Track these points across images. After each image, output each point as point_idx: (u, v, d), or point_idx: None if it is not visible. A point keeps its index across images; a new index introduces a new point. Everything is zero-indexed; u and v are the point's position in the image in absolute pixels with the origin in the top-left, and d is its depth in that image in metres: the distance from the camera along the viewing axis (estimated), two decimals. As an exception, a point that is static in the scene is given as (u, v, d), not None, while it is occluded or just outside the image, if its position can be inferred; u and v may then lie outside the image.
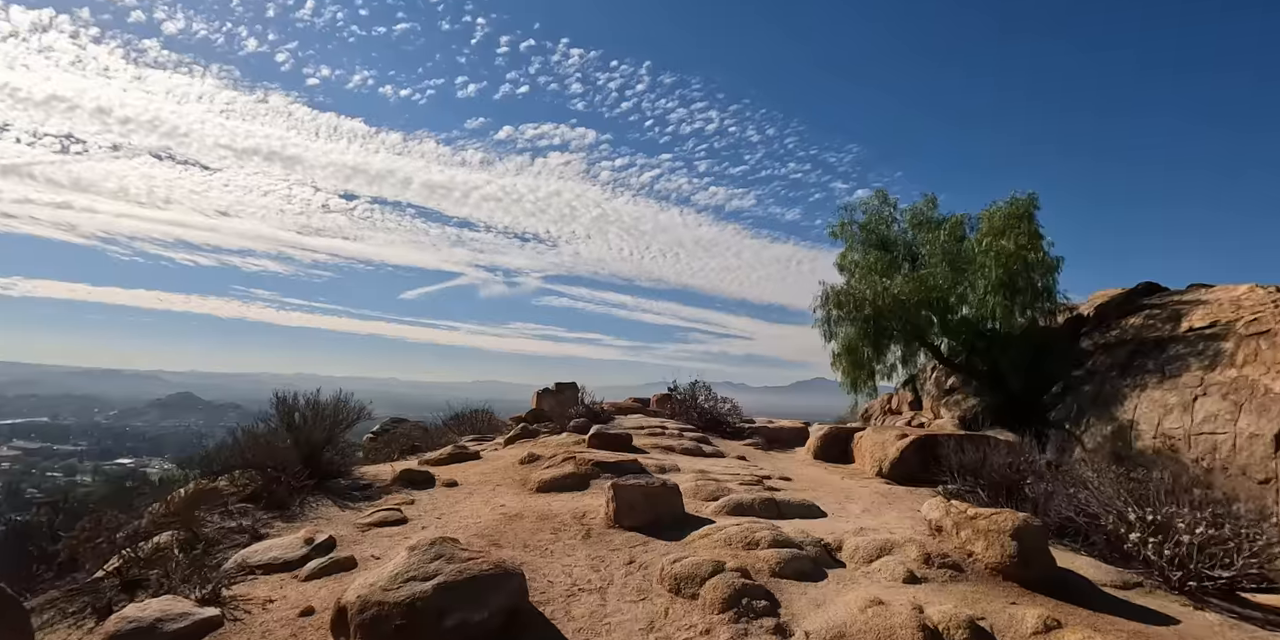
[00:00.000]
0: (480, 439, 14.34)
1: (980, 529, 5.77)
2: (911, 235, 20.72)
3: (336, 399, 9.20)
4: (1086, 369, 17.02)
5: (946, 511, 6.17)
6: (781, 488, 8.34)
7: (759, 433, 12.86)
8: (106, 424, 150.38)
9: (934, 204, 20.53)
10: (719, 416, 12.94)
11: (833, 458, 11.30)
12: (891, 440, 10.23)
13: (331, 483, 8.02)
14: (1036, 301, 17.25)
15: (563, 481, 7.96)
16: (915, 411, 21.64)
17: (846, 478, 9.65)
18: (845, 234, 21.93)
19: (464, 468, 9.33)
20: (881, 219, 21.40)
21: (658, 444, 10.54)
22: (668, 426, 11.87)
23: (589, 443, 10.17)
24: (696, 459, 9.95)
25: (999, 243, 17.03)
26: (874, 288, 17.50)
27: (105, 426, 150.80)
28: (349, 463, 9.15)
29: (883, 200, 21.53)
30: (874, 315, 17.50)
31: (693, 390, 13.64)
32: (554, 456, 9.23)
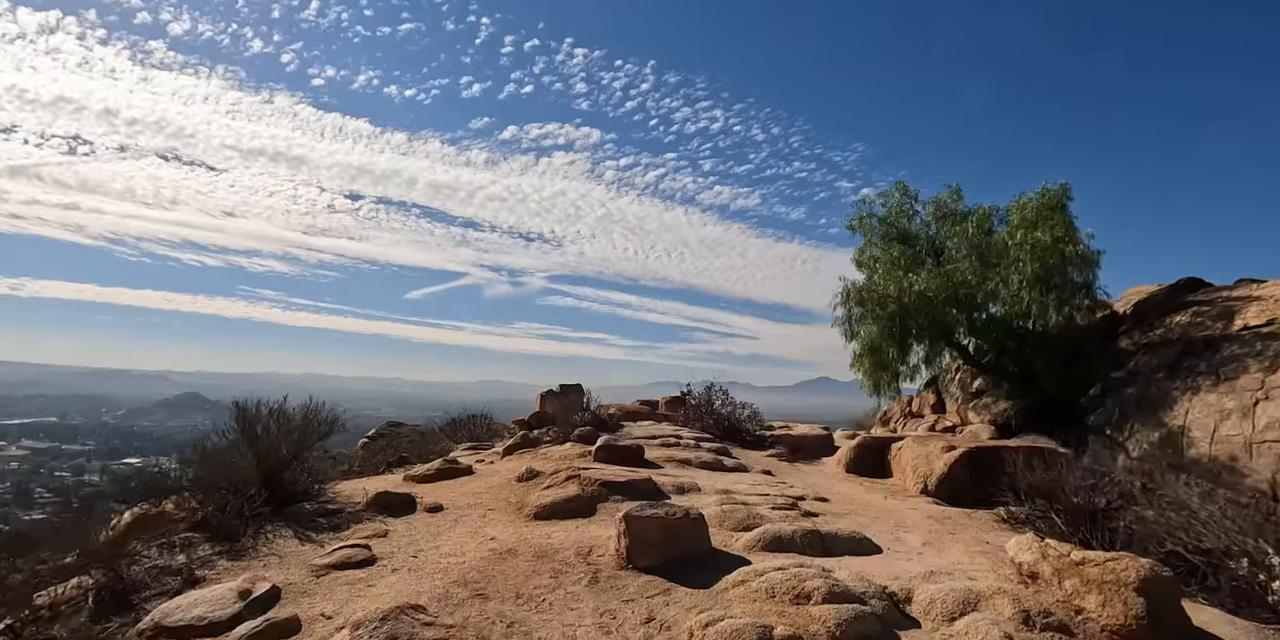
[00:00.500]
0: (477, 448, 13.12)
1: (1092, 579, 4.51)
2: (935, 228, 19.45)
3: (306, 408, 7.97)
4: (1128, 370, 15.73)
5: (1043, 554, 4.91)
6: (820, 511, 7.09)
7: (781, 442, 11.61)
8: (114, 424, 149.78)
9: (959, 195, 19.26)
10: (737, 424, 11.70)
11: (867, 471, 10.05)
12: (937, 453, 8.97)
13: (295, 508, 6.80)
14: (1074, 298, 15.97)
15: (565, 506, 6.72)
16: (938, 414, 20.36)
17: (889, 497, 8.39)
18: (863, 228, 20.67)
19: (453, 486, 8.10)
20: (902, 212, 20.14)
21: (672, 457, 9.29)
22: (682, 436, 10.63)
23: (595, 456, 8.93)
24: (718, 475, 8.70)
25: (1033, 235, 15.76)
26: (898, 284, 16.23)
27: (113, 426, 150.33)
28: (321, 481, 7.93)
29: (903, 192, 20.24)
30: (899, 313, 16.23)
31: (708, 394, 12.40)
32: (556, 473, 7.99)
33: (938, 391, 21.14)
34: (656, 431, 10.91)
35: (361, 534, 6.05)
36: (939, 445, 9.12)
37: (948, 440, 9.58)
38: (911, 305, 16.05)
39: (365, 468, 11.09)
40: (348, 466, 10.65)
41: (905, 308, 16.08)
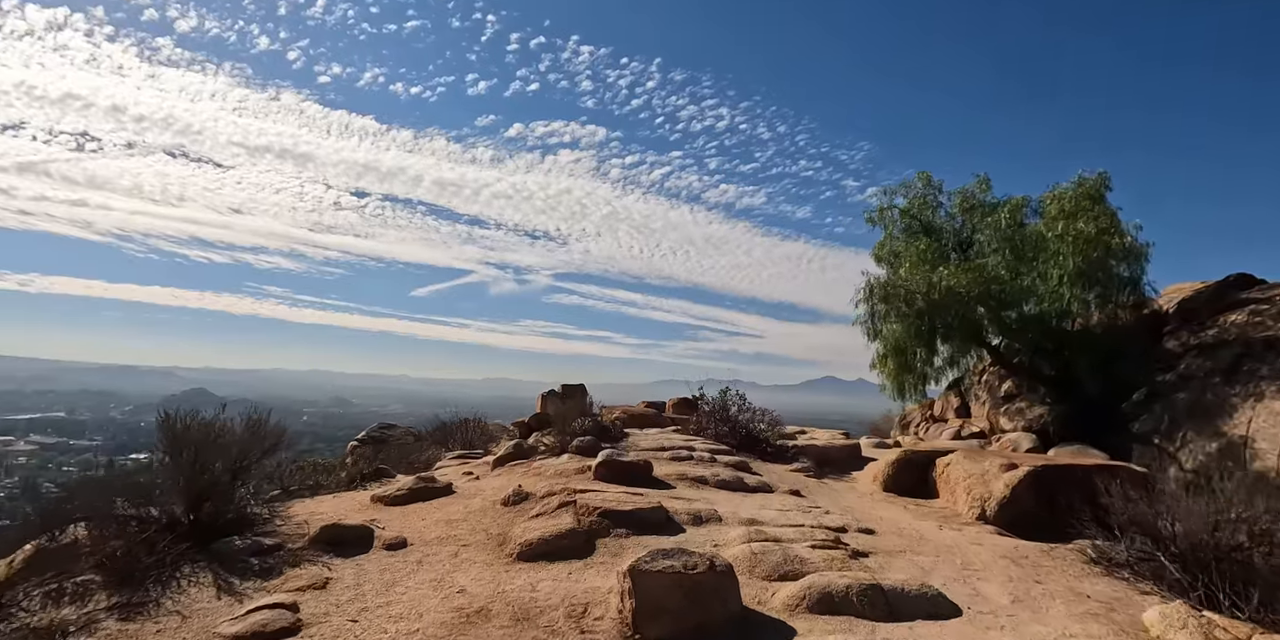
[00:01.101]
0: (466, 457, 11.78)
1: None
2: (961, 221, 18.03)
3: (251, 418, 6.64)
4: (1178, 374, 14.30)
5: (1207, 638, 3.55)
6: (869, 549, 5.72)
7: (805, 454, 10.23)
8: (122, 419, 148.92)
9: (987, 185, 17.83)
10: (757, 433, 10.33)
11: (908, 489, 8.67)
12: (995, 471, 7.59)
13: (225, 543, 5.45)
14: (1119, 294, 14.55)
15: (557, 543, 5.36)
16: (964, 419, 18.94)
17: (943, 525, 7.01)
18: (884, 220, 19.25)
19: (426, 511, 6.74)
20: (925, 204, 18.71)
21: (685, 475, 7.92)
22: (695, 448, 9.26)
23: (595, 473, 7.57)
24: (739, 497, 7.32)
25: (1075, 226, 14.34)
26: (926, 279, 14.81)
27: (120, 422, 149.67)
28: (270, 503, 6.60)
29: (926, 183, 18.81)
30: (926, 311, 14.82)
31: (724, 400, 11.02)
32: (548, 496, 6.64)
33: (961, 394, 19.72)
34: (666, 442, 9.55)
35: (294, 584, 4.69)
36: (996, 462, 7.73)
37: (1005, 456, 8.18)
38: (940, 302, 14.65)
39: (336, 480, 9.76)
40: (314, 481, 9.31)
41: (934, 305, 14.68)
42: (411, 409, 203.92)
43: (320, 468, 10.58)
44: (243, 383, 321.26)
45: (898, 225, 18.97)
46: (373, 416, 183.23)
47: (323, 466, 10.75)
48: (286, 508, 6.89)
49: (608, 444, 9.44)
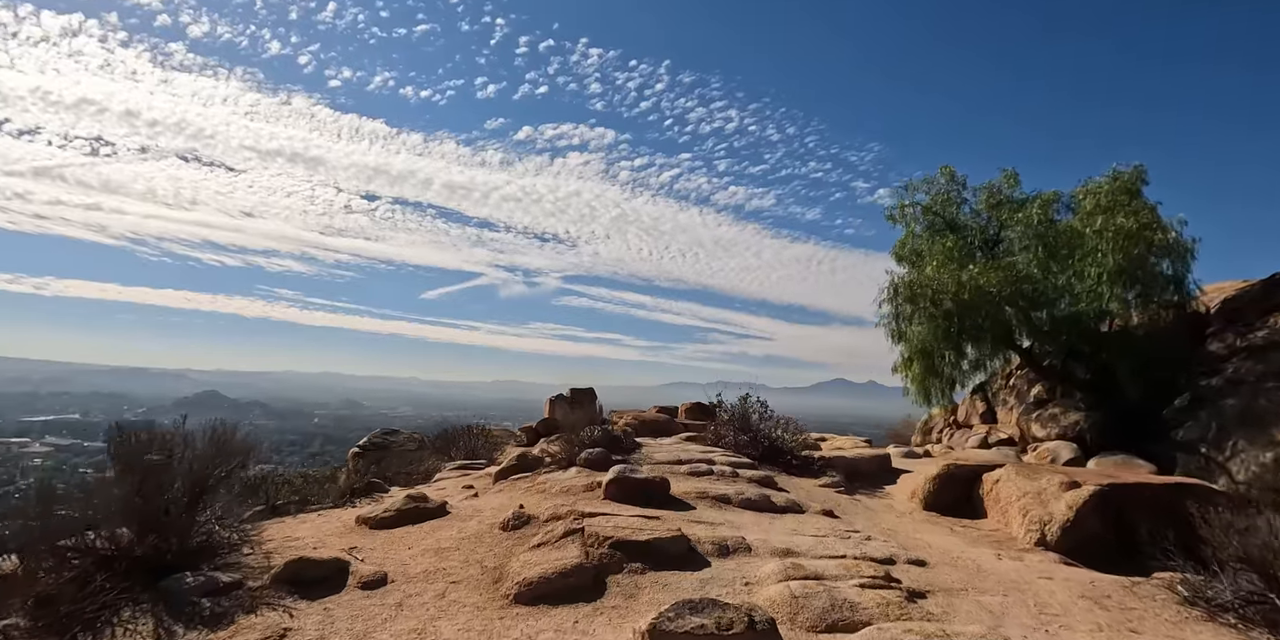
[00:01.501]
0: (467, 468, 10.98)
1: None
2: (986, 217, 17.13)
3: (215, 432, 5.85)
4: (1226, 378, 13.35)
5: None
6: (926, 586, 4.87)
7: (833, 466, 9.36)
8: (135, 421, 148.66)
9: (1015, 180, 16.92)
10: (780, 444, 9.46)
11: (951, 508, 7.80)
12: (1054, 490, 6.71)
13: (176, 580, 4.65)
14: (1162, 293, 13.62)
15: (561, 582, 4.53)
16: (989, 425, 18.01)
17: (1001, 553, 6.13)
18: (905, 217, 18.37)
19: (414, 537, 5.93)
20: (949, 200, 17.82)
21: (706, 492, 7.08)
22: (715, 460, 8.42)
23: (606, 491, 6.74)
24: (769, 520, 6.47)
25: (1115, 221, 13.42)
26: (954, 278, 13.93)
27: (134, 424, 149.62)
28: (237, 525, 5.80)
29: (950, 178, 17.92)
30: (955, 311, 13.93)
31: (744, 407, 10.15)
32: (553, 520, 5.82)
33: (987, 399, 18.78)
34: (682, 454, 8.70)
35: (245, 638, 3.89)
36: (1055, 480, 6.85)
37: (1063, 472, 7.29)
38: (970, 302, 13.76)
39: (326, 494, 8.98)
40: (301, 496, 8.53)
41: (963, 305, 13.79)
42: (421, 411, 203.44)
43: (313, 481, 9.81)
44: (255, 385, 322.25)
45: (920, 222, 18.09)
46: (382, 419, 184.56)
47: (315, 479, 9.98)
48: (260, 531, 6.10)
49: (619, 456, 8.62)
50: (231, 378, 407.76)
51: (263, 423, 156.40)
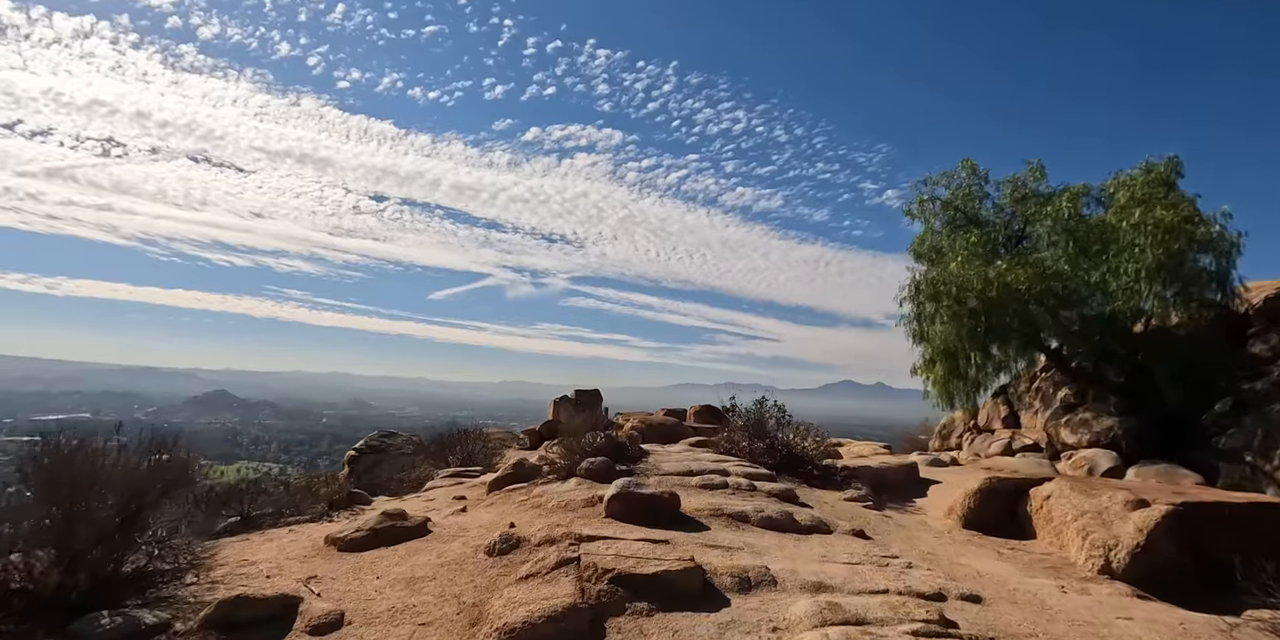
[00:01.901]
0: (462, 475, 10.19)
1: None
2: (1010, 212, 16.25)
3: (150, 447, 5.05)
4: (1271, 382, 12.44)
5: None
6: (988, 633, 4.02)
7: (857, 476, 8.50)
8: (145, 420, 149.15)
9: (1041, 173, 16.03)
10: (800, 452, 8.60)
11: (994, 527, 6.95)
12: (1117, 510, 5.86)
13: (87, 622, 3.86)
14: (1204, 291, 12.73)
15: (550, 629, 3.70)
16: (1013, 430, 17.11)
17: (1065, 585, 5.27)
18: (924, 213, 17.51)
19: (386, 562, 5.13)
20: (970, 194, 16.95)
21: (721, 509, 6.24)
22: (729, 470, 7.58)
23: (608, 508, 5.92)
24: (794, 543, 5.63)
25: (1153, 214, 12.53)
26: (981, 275, 13.06)
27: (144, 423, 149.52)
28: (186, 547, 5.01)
29: (971, 172, 17.05)
30: (982, 310, 13.06)
31: (760, 412, 9.30)
32: (546, 545, 5.01)
33: (1009, 402, 17.89)
34: (693, 464, 7.86)
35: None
36: (1118, 498, 5.99)
37: (1126, 487, 6.42)
38: (997, 301, 12.89)
39: (306, 503, 8.19)
40: (275, 508, 7.74)
41: (990, 303, 12.92)
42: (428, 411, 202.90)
43: (294, 490, 9.02)
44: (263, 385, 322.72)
45: (940, 218, 17.23)
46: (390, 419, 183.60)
47: (297, 488, 9.18)
48: (214, 553, 5.30)
49: (624, 466, 7.79)
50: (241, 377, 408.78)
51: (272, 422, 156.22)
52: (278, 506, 7.86)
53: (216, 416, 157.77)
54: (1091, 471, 11.58)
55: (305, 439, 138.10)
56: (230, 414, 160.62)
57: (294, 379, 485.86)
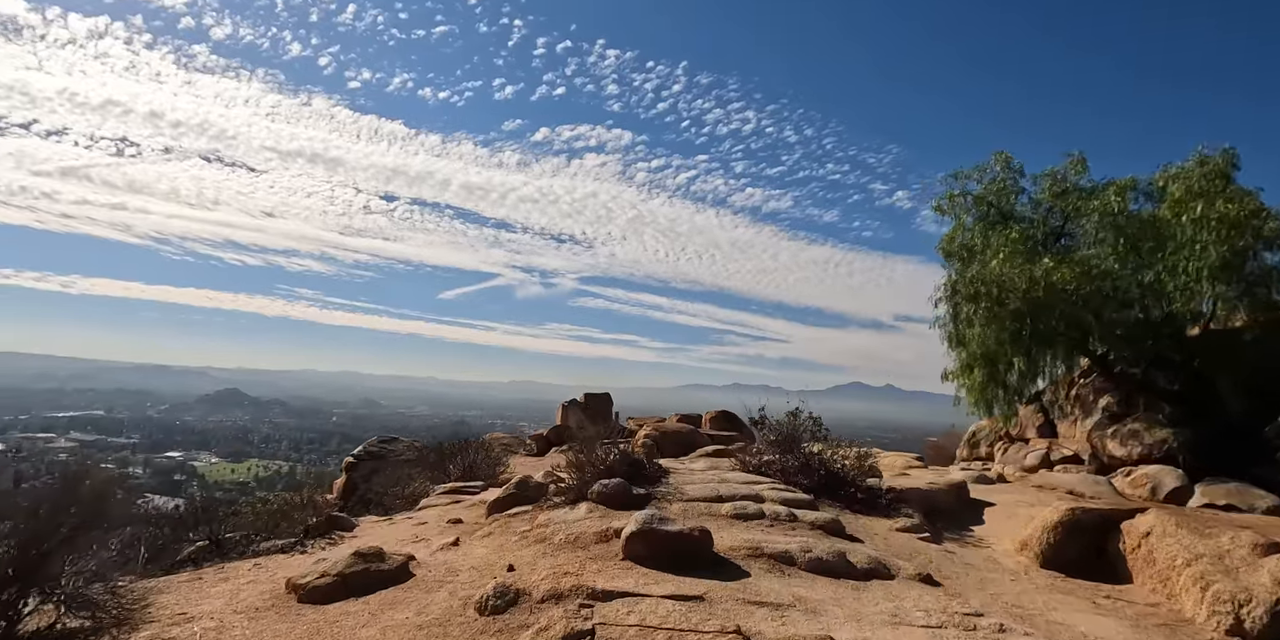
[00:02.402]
0: (460, 492, 9.16)
1: None
2: (1048, 207, 15.11)
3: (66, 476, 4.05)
4: (1347, 391, 11.31)
5: None
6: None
7: (906, 500, 7.40)
8: (158, 418, 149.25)
9: (1083, 166, 14.83)
10: (840, 472, 7.49)
11: (1077, 565, 5.87)
12: (1243, 554, 4.76)
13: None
14: (1273, 292, 11.60)
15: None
16: (1049, 439, 15.93)
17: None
18: (955, 209, 16.35)
19: (351, 621, 4.09)
20: (1004, 188, 15.78)
21: (759, 548, 5.18)
22: (763, 495, 6.48)
23: (626, 547, 4.87)
24: (853, 594, 4.56)
25: (1215, 209, 11.38)
26: (1026, 274, 11.93)
27: (157, 420, 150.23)
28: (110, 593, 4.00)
29: (1005, 165, 15.88)
30: (1026, 312, 11.95)
31: (793, 425, 8.19)
32: (550, 603, 3.97)
33: (1044, 410, 16.73)
34: (722, 487, 6.78)
35: None
36: (1243, 540, 4.90)
37: (1248, 526, 5.33)
38: (1044, 302, 11.77)
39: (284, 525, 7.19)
40: (246, 534, 6.74)
41: (1035, 305, 11.78)
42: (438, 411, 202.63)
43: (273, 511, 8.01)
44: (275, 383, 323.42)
45: (971, 214, 16.09)
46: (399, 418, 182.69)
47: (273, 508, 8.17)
48: (146, 604, 4.29)
49: (642, 488, 6.74)
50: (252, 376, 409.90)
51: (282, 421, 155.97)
52: (252, 530, 6.87)
53: (228, 414, 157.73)
54: (1155, 491, 10.44)
55: (315, 437, 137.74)
56: (241, 412, 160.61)
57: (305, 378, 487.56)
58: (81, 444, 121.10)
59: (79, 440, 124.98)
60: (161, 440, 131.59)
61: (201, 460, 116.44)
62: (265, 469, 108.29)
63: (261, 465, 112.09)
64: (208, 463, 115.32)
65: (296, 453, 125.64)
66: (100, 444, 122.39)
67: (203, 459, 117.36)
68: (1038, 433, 16.66)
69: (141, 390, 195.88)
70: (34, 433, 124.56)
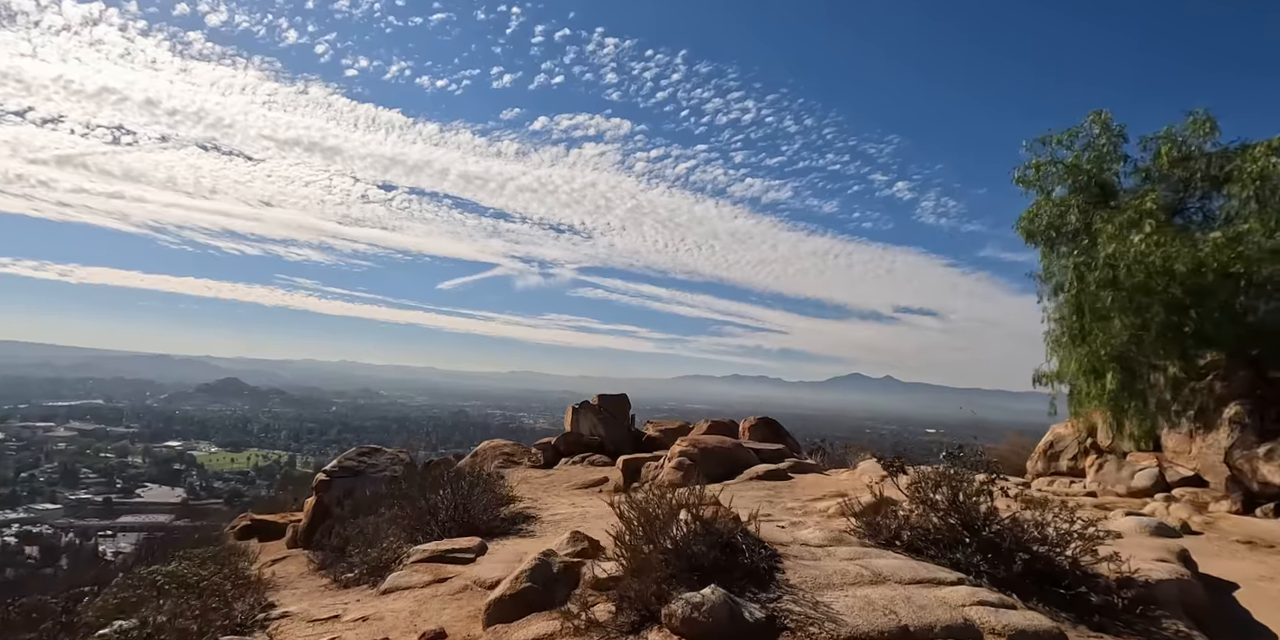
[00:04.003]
0: (447, 558, 6.18)
1: None
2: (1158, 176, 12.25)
3: None
4: None
5: None
6: None
7: (1156, 601, 4.51)
8: (157, 407, 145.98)
9: (1210, 127, 11.90)
10: (1048, 553, 4.56)
11: None
12: None
13: None
14: None
15: None
16: (1154, 454, 13.10)
17: None
18: (1042, 180, 13.47)
19: None
20: (1103, 155, 12.90)
21: None
22: (971, 618, 3.57)
23: None
24: None
25: None
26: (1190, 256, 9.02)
27: (156, 410, 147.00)
28: None
29: (1104, 128, 12.96)
30: (1186, 301, 9.07)
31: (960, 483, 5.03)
32: None
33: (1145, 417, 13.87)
34: (896, 601, 3.75)
35: None
36: None
37: None
38: (1207, 289, 8.90)
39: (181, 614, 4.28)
40: None
41: (1197, 293, 8.92)
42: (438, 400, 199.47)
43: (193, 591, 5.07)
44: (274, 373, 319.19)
45: (1063, 185, 13.19)
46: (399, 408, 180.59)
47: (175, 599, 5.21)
48: None
49: (751, 594, 3.83)
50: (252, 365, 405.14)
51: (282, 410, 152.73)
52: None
53: (227, 404, 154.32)
54: None
55: (315, 427, 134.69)
56: (241, 402, 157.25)
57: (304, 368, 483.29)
58: (81, 433, 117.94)
59: (78, 429, 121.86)
60: (161, 429, 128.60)
61: (201, 449, 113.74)
62: (265, 458, 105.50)
63: (261, 454, 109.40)
64: (207, 452, 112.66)
65: (296, 442, 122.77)
66: (99, 433, 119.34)
67: (202, 448, 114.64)
68: (1136, 445, 13.78)
69: (141, 379, 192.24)
70: (33, 422, 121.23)
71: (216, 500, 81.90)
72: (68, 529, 66.85)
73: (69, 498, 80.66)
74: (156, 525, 71.32)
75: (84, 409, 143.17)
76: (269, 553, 12.36)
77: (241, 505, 67.54)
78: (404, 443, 76.49)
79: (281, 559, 11.28)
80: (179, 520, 76.12)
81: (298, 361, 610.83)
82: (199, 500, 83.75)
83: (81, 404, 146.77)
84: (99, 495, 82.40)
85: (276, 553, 12.20)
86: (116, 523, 73.19)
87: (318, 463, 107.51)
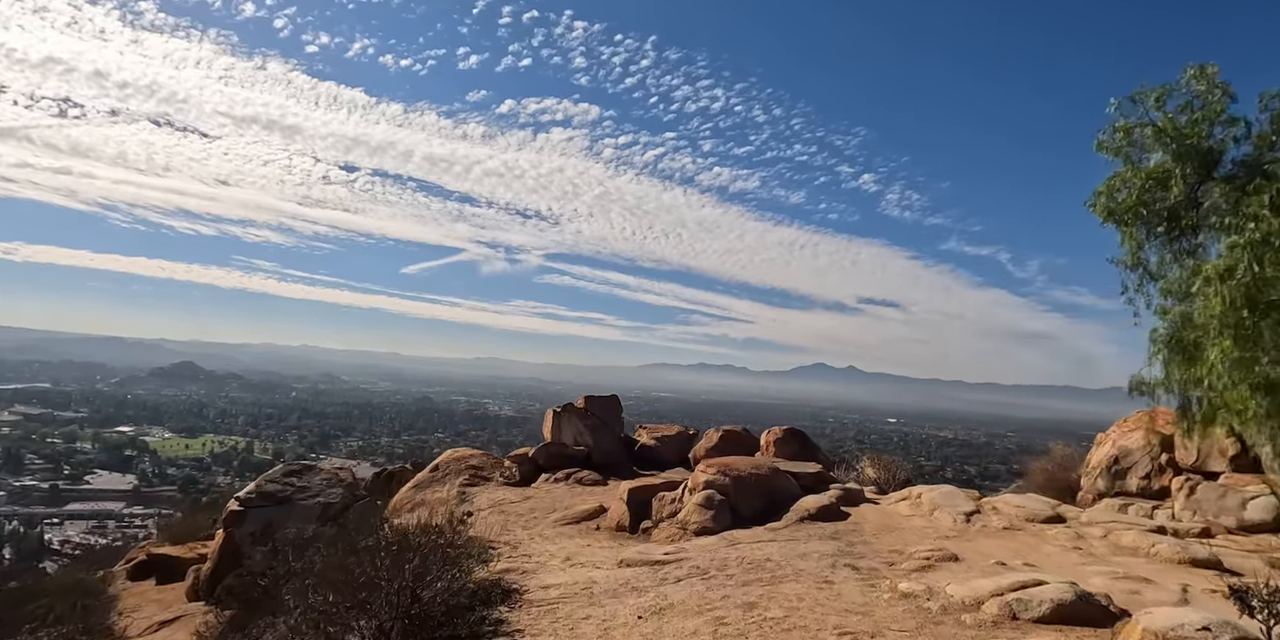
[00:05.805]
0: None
1: None
2: (1277, 140, 9.81)
3: None
4: None
5: None
6: None
7: None
8: (108, 392, 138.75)
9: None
10: None
11: None
12: None
13: None
14: None
15: None
16: (1254, 475, 10.86)
17: None
18: (1129, 145, 10.90)
19: None
20: (1205, 116, 10.42)
21: None
22: None
23: None
24: None
25: None
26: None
27: (107, 394, 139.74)
28: None
29: (1209, 84, 10.44)
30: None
31: None
32: None
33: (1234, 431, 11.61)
34: None
35: None
36: None
37: None
38: None
39: None
40: None
41: None
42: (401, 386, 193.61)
43: None
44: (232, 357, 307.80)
45: (1156, 153, 10.67)
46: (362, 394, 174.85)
47: None
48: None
49: None
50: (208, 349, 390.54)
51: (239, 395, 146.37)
52: None
53: (182, 389, 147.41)
54: None
55: (274, 412, 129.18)
56: (197, 387, 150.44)
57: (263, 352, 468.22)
58: (26, 417, 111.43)
59: (23, 413, 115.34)
60: (112, 415, 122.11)
61: (154, 435, 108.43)
62: (221, 444, 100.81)
63: (217, 441, 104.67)
64: (161, 438, 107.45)
65: (254, 428, 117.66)
66: (46, 418, 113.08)
67: (155, 434, 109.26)
68: (1231, 465, 11.49)
69: (91, 362, 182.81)
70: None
71: (170, 487, 77.60)
72: (11, 517, 63.22)
73: (13, 484, 76.40)
74: (106, 513, 66.88)
75: (30, 392, 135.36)
76: (160, 605, 9.29)
77: (196, 492, 63.32)
78: (365, 429, 72.37)
79: (171, 621, 8.31)
80: (129, 507, 71.36)
81: (256, 345, 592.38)
82: (151, 487, 79.36)
83: (27, 387, 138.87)
84: (45, 482, 77.82)
85: (169, 605, 9.15)
86: (64, 510, 69.01)
87: (275, 450, 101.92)
